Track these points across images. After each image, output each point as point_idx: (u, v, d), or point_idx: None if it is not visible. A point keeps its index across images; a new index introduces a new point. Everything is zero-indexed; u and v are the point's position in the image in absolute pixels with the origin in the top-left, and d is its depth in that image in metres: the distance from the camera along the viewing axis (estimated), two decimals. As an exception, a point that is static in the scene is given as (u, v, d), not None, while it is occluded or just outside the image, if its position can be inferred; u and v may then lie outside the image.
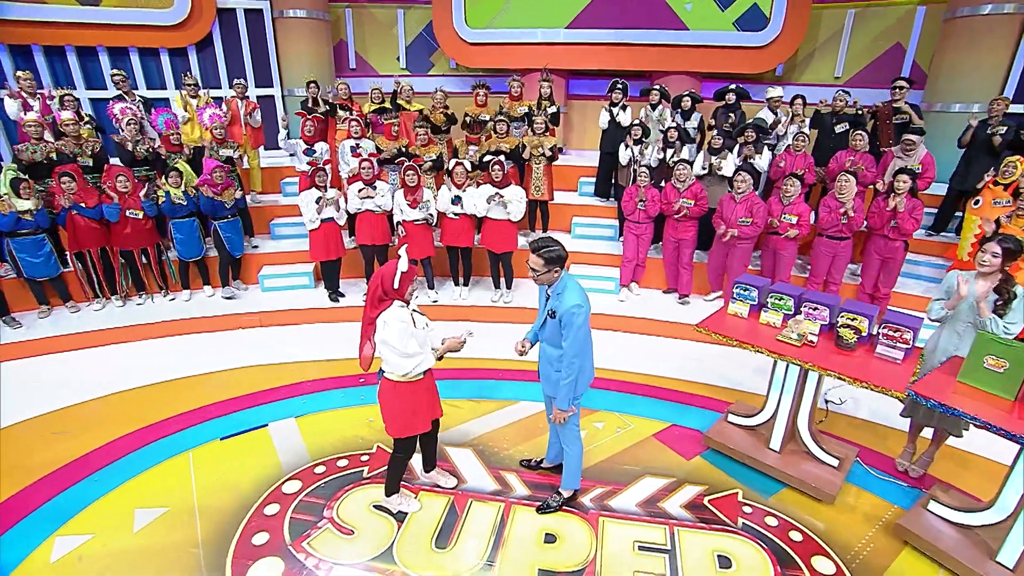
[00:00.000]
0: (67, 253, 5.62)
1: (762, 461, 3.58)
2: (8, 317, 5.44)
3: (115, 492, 3.42)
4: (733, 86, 6.79)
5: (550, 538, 3.13)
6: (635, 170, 6.14)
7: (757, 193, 5.80)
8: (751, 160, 6.13)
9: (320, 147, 6.37)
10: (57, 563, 2.91)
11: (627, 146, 6.59)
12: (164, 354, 5.22)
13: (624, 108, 7.03)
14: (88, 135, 5.97)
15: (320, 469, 3.66)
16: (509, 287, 6.23)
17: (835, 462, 3.45)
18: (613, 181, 7.37)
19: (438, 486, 3.52)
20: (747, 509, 3.36)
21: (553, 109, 6.99)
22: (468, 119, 6.73)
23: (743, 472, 3.67)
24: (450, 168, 5.89)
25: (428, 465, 3.52)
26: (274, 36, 8.74)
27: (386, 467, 3.27)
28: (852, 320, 3.29)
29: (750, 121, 6.32)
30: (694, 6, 8.35)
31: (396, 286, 2.79)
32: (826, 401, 4.37)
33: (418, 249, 5.91)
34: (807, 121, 6.45)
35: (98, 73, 8.24)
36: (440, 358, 3.02)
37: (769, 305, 3.62)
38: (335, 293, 6.13)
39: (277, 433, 4.04)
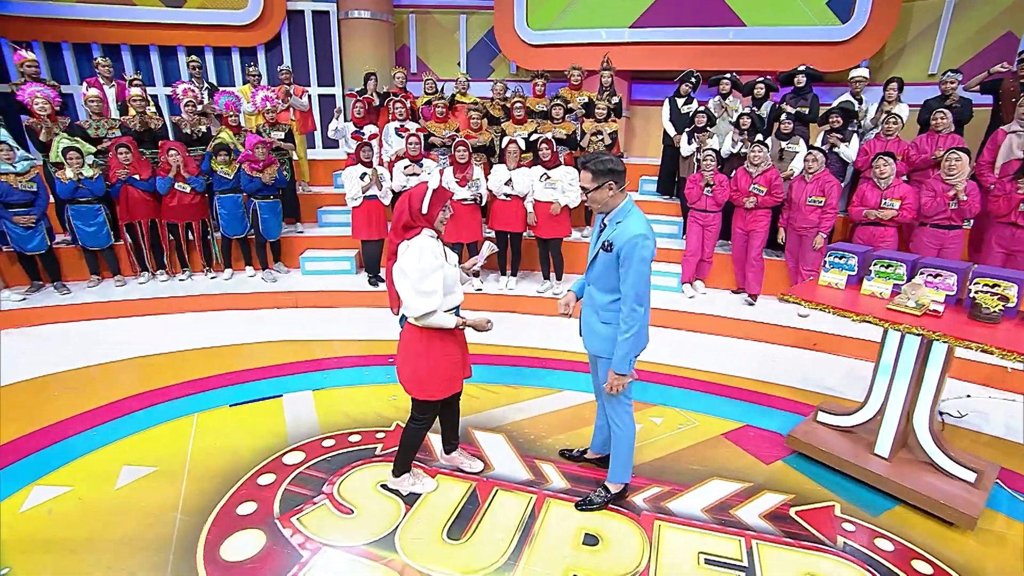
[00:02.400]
0: (120, 227, 5.64)
1: (866, 470, 2.81)
2: (59, 283, 5.47)
3: (107, 448, 3.11)
4: (802, 67, 6.08)
5: (591, 539, 2.51)
6: (699, 160, 5.55)
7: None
8: (836, 149, 5.41)
9: (368, 129, 6.20)
10: (25, 513, 2.58)
11: (691, 136, 6.02)
12: (195, 326, 5.03)
13: (691, 100, 6.49)
14: (151, 115, 6.07)
15: (329, 443, 3.22)
16: (559, 278, 5.70)
17: (971, 476, 2.64)
18: (676, 178, 6.77)
19: (460, 470, 2.98)
20: (848, 527, 2.60)
21: (616, 99, 6.55)
22: (520, 108, 6.35)
23: (839, 482, 2.90)
24: (503, 146, 5.52)
25: (449, 445, 3.00)
26: (339, 37, 8.88)
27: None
28: (993, 286, 2.54)
29: (836, 104, 5.60)
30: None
31: (425, 210, 2.34)
32: (941, 414, 3.51)
33: (466, 232, 5.53)
34: (903, 106, 5.60)
35: (176, 72, 8.61)
36: (461, 328, 2.51)
37: (873, 274, 2.91)
38: (375, 277, 5.82)
39: (291, 404, 3.65)
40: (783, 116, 5.57)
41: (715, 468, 3.03)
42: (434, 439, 3.20)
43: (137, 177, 5.47)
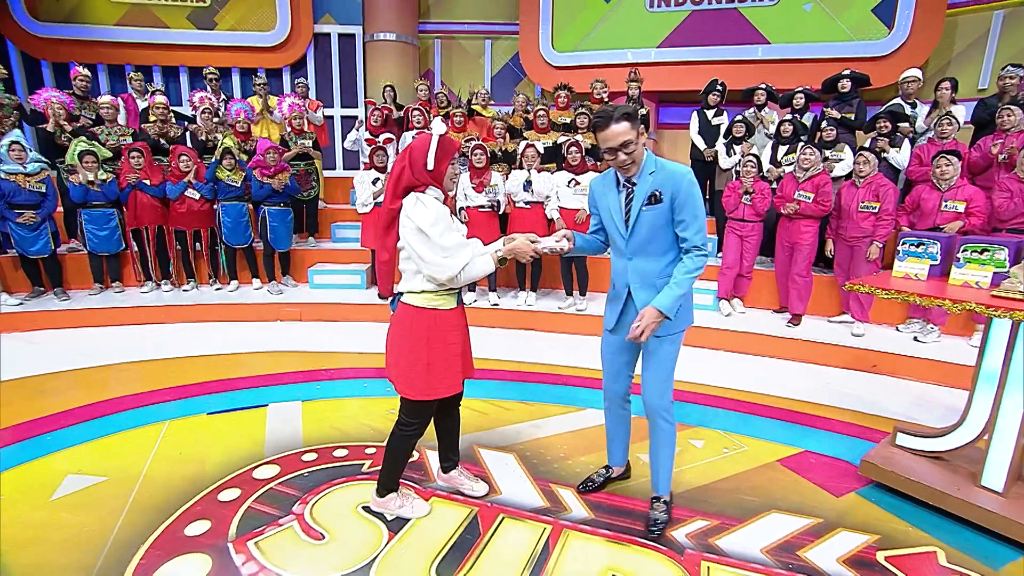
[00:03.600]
0: (127, 232, 5.47)
1: (972, 506, 2.20)
2: (59, 289, 5.26)
3: (57, 455, 2.71)
4: (847, 71, 5.66)
5: (618, 583, 1.97)
6: (738, 171, 5.12)
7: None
8: (885, 155, 4.92)
9: (384, 137, 5.98)
10: (-60, 523, 2.18)
11: (728, 148, 5.61)
12: (192, 335, 4.70)
13: (720, 112, 6.12)
14: (171, 124, 5.99)
15: (310, 456, 2.76)
16: (583, 294, 5.23)
17: (1120, 518, 2.02)
18: (707, 195, 6.33)
19: (460, 493, 2.48)
20: (959, 581, 1.99)
21: (644, 111, 6.23)
22: (543, 117, 6.08)
23: (935, 521, 2.30)
24: (521, 151, 5.19)
25: (447, 462, 2.51)
26: (363, 59, 8.89)
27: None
28: None
29: (885, 108, 5.15)
30: (803, 14, 7.46)
31: (430, 164, 1.95)
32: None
33: (482, 241, 5.14)
34: (959, 107, 5.08)
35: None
36: (503, 262, 2.07)
37: (963, 260, 2.38)
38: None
39: (275, 415, 3.22)
40: (825, 123, 5.14)
41: (773, 500, 2.45)
42: (431, 456, 2.72)
43: (147, 182, 5.30)
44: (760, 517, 2.32)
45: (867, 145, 5.01)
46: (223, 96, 6.74)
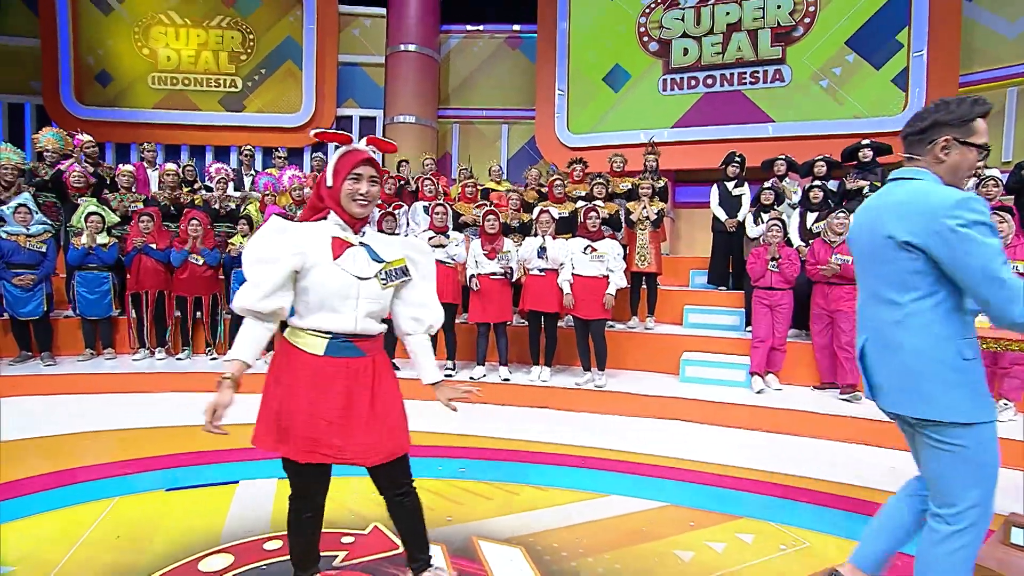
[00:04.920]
0: (125, 297, 5.30)
1: None
2: (47, 353, 4.99)
3: (-27, 534, 2.28)
4: (866, 141, 5.54)
5: None
6: (765, 239, 4.88)
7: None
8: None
9: (394, 204, 5.91)
10: None
11: (757, 216, 5.40)
12: (179, 404, 4.32)
13: (740, 184, 5.99)
14: (185, 191, 6.03)
15: (273, 545, 2.28)
16: (602, 369, 4.78)
17: None
18: (731, 269, 6.05)
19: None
20: None
21: (662, 183, 6.11)
22: (560, 187, 5.99)
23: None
24: (535, 216, 5.01)
25: (414, 562, 1.83)
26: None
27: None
28: None
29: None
30: (815, 92, 7.58)
31: (330, 181, 1.59)
32: None
33: (495, 311, 4.85)
34: (995, 170, 4.82)
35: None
36: (225, 379, 1.57)
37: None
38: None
39: (244, 493, 2.77)
40: (866, 188, 4.94)
41: (857, 617, 1.89)
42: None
43: (154, 246, 5.20)
44: (845, 641, 1.76)
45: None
46: (253, 171, 6.87)
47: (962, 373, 1.47)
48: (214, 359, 5.36)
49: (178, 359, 5.30)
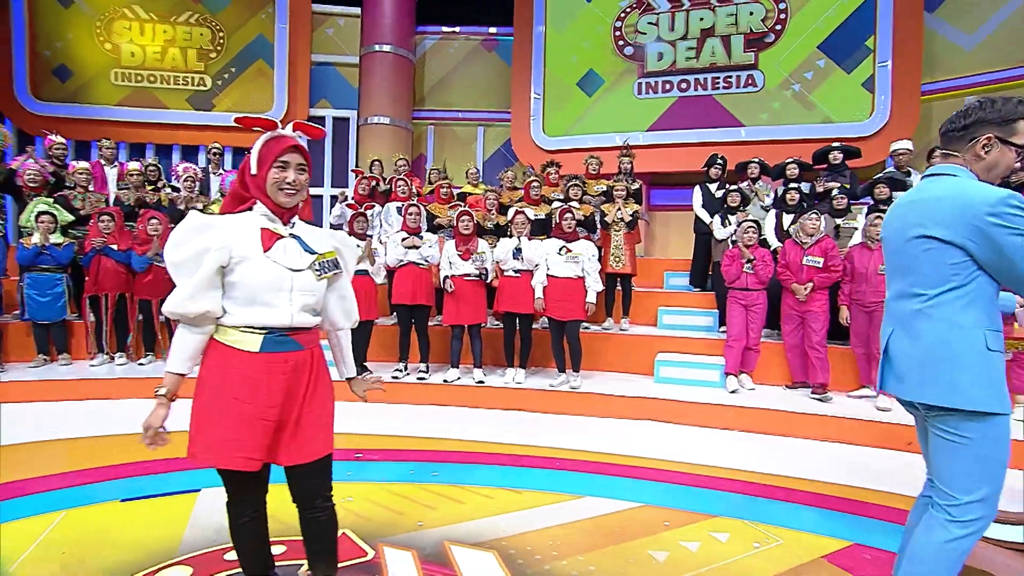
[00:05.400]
0: (83, 300, 5.07)
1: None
2: (-5, 360, 4.76)
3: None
4: (836, 144, 5.68)
5: None
6: (734, 240, 4.94)
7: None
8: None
9: (366, 205, 5.81)
10: None
11: (723, 218, 5.47)
12: (142, 411, 4.14)
13: (723, 186, 6.06)
14: (148, 189, 5.83)
15: (234, 555, 2.18)
16: (577, 370, 4.76)
17: None
18: (710, 269, 6.11)
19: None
20: None
21: (636, 186, 6.14)
22: (536, 188, 5.97)
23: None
24: (511, 217, 4.97)
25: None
26: (356, 141, 9.04)
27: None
28: None
29: (881, 175, 5.07)
30: (786, 97, 7.75)
31: (254, 168, 1.51)
32: None
33: (469, 312, 4.79)
34: None
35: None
36: (161, 394, 1.53)
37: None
38: (359, 367, 4.97)
39: (206, 502, 2.65)
40: (836, 191, 5.04)
41: (830, 613, 1.89)
42: (391, 556, 2.15)
43: (115, 247, 5.01)
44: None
45: (864, 214, 4.87)
46: (221, 172, 6.66)
47: (984, 363, 1.48)
48: (179, 364, 5.18)
49: (140, 364, 5.10)
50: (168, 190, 5.98)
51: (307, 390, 1.56)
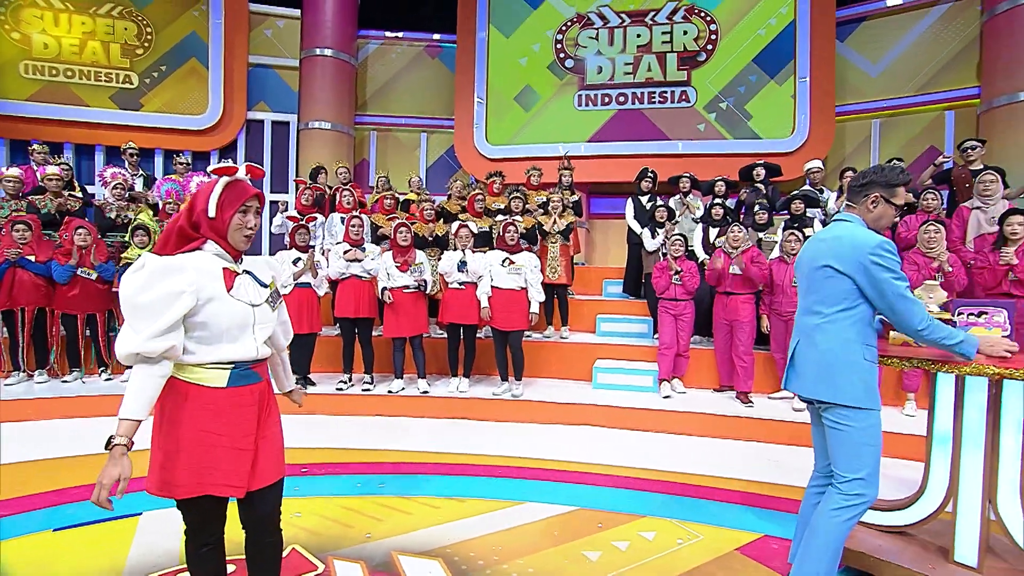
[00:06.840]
0: (-5, 314, 4.77)
1: (947, 589, 2.00)
2: None
3: None
4: (761, 162, 6.19)
5: None
6: (664, 252, 5.28)
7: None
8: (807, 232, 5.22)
9: (308, 216, 5.74)
10: None
11: (652, 231, 5.81)
12: (65, 433, 3.97)
13: (653, 198, 6.42)
14: (68, 196, 5.51)
15: (183, 577, 2.20)
16: (519, 378, 4.94)
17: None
18: (642, 278, 6.45)
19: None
20: None
21: (575, 198, 6.40)
22: (481, 201, 6.10)
23: (915, 614, 2.05)
24: (454, 231, 5.08)
25: None
26: (297, 146, 8.86)
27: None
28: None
29: (797, 192, 5.55)
30: (716, 115, 8.27)
31: (212, 212, 1.53)
32: None
33: (409, 324, 4.85)
34: None
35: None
36: (117, 444, 1.45)
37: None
38: (303, 379, 4.94)
39: (148, 527, 2.62)
40: (757, 207, 5.46)
41: (738, 598, 2.14)
42: (342, 569, 2.23)
43: (32, 258, 4.73)
44: (727, 621, 2.00)
45: (782, 227, 5.32)
46: (141, 173, 6.36)
47: (861, 370, 1.91)
48: (109, 379, 4.96)
49: (64, 382, 4.85)
50: (79, 193, 5.67)
51: (268, 417, 1.66)
